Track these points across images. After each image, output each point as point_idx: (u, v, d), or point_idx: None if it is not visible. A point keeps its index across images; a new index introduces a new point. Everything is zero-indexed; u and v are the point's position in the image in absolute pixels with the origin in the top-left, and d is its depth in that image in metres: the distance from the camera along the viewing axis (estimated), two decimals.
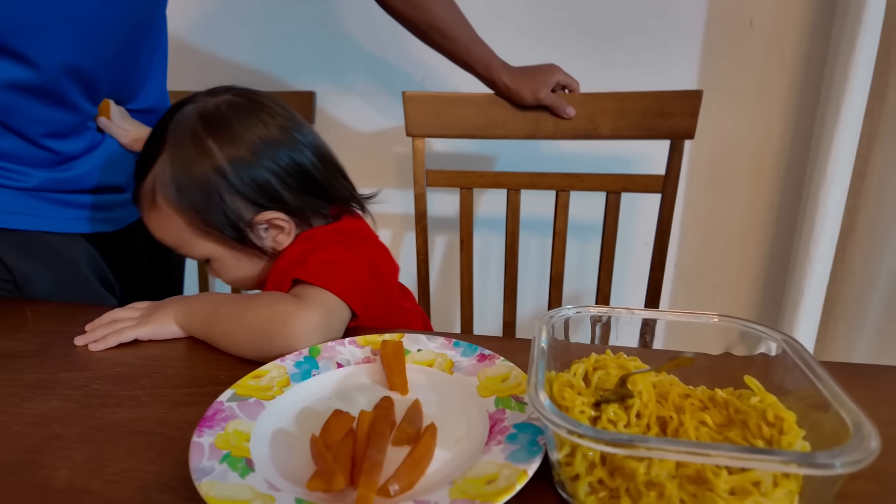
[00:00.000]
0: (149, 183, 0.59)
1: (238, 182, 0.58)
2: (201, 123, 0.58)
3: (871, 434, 0.28)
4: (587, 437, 0.29)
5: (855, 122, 0.91)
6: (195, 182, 0.57)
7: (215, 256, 0.62)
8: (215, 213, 0.58)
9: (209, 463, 0.34)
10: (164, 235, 0.62)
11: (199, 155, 0.57)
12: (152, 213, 0.60)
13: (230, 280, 0.65)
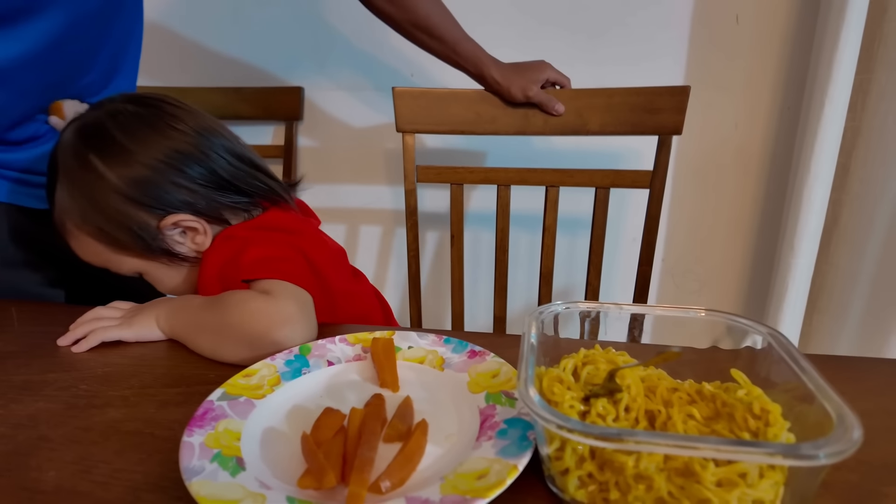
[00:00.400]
0: (57, 212, 0.59)
1: (135, 196, 0.56)
2: (82, 142, 0.56)
3: (854, 425, 0.29)
4: (576, 431, 0.29)
5: (838, 117, 0.92)
6: (92, 204, 0.56)
7: (143, 270, 0.61)
8: (122, 229, 0.57)
9: (199, 462, 0.34)
10: (89, 258, 0.61)
11: (89, 178, 0.56)
12: (70, 239, 0.60)
13: (168, 290, 0.64)
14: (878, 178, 0.96)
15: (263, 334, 0.49)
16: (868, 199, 0.97)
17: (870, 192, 0.97)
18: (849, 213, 1.01)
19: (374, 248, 1.29)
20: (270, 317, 0.49)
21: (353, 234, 1.29)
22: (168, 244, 0.59)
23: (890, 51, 0.92)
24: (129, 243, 0.58)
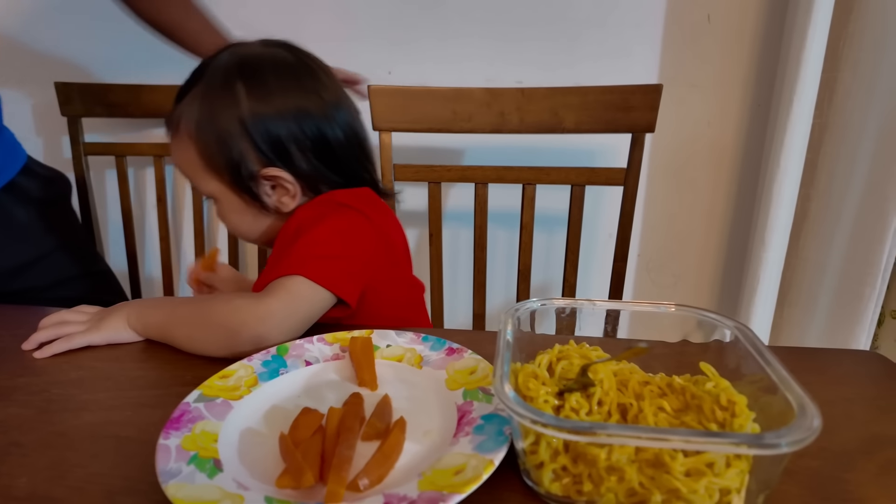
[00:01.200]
0: (178, 111, 0.61)
1: (255, 134, 0.58)
2: (238, 69, 0.59)
3: (814, 414, 0.30)
4: (550, 425, 0.30)
5: (806, 114, 0.95)
6: (214, 123, 0.58)
7: (220, 198, 0.62)
8: (225, 155, 0.59)
9: (176, 465, 0.34)
10: (180, 163, 0.62)
11: (226, 99, 0.58)
12: (174, 139, 0.61)
13: (231, 227, 0.66)
14: (843, 173, 0.99)
15: (239, 328, 0.49)
16: (835, 193, 1.00)
17: (836, 187, 1.00)
18: (817, 208, 1.04)
19: None
20: (249, 312, 0.50)
21: None
22: (256, 189, 0.61)
23: (854, 50, 0.95)
24: (223, 170, 0.60)
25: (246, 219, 0.64)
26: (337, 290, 0.54)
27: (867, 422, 0.43)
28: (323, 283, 0.53)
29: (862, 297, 0.97)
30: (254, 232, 0.65)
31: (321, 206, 0.61)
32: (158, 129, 1.24)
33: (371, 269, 0.60)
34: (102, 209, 1.30)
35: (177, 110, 0.61)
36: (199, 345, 0.51)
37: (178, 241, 1.33)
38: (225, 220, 0.65)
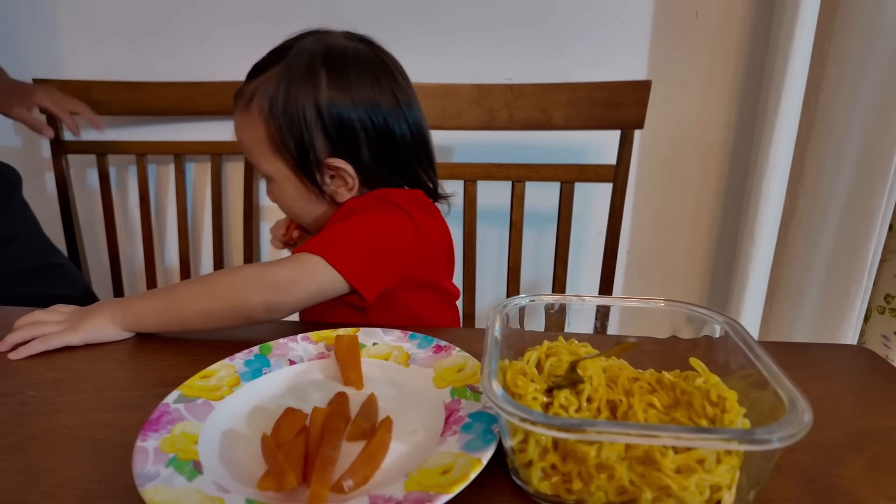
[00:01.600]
0: (252, 86, 0.61)
1: (328, 121, 0.59)
2: (322, 57, 0.60)
3: (805, 409, 0.30)
4: (539, 423, 0.29)
5: (794, 110, 0.95)
6: (291, 105, 0.59)
7: (278, 179, 0.62)
8: (295, 137, 0.59)
9: (154, 468, 0.33)
10: (244, 137, 0.62)
11: (307, 83, 0.59)
12: (243, 113, 0.61)
13: (284, 208, 0.66)
14: (830, 170, 0.99)
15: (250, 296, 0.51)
16: (822, 190, 1.01)
17: (824, 184, 1.00)
18: (804, 204, 1.04)
19: None
20: (259, 280, 0.52)
21: None
22: (318, 176, 0.61)
23: (840, 48, 0.95)
24: (290, 152, 0.60)
25: (301, 203, 0.64)
26: (351, 278, 0.55)
27: (855, 416, 0.42)
28: (338, 267, 0.54)
29: (849, 292, 0.97)
30: (307, 216, 0.66)
31: (371, 200, 0.62)
32: (140, 127, 1.22)
33: (400, 269, 0.60)
34: (84, 209, 1.27)
35: (250, 85, 0.61)
36: (214, 320, 0.52)
37: (161, 241, 1.31)
38: (279, 201, 0.66)
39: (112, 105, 1.14)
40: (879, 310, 1.04)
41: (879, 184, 0.91)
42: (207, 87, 1.14)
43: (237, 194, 1.22)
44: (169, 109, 1.15)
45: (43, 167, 1.29)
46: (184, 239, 1.17)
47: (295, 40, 0.62)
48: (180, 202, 1.16)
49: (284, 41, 0.63)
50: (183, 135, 1.20)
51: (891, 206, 0.93)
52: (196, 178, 1.26)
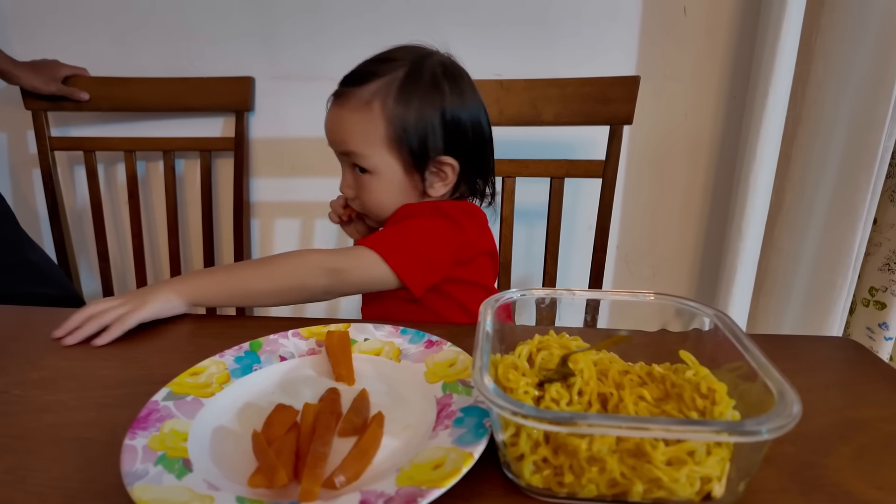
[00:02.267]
0: (371, 88, 0.65)
1: (448, 125, 0.66)
2: (441, 69, 0.67)
3: (794, 400, 0.30)
4: (530, 416, 0.29)
5: (781, 105, 0.96)
6: (419, 110, 0.65)
7: (383, 170, 0.67)
8: (419, 136, 0.66)
9: (143, 466, 0.33)
10: (356, 133, 0.66)
11: (434, 92, 0.66)
12: (358, 112, 0.66)
13: (372, 200, 0.70)
14: (816, 164, 1.00)
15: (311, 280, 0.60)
16: (808, 184, 1.02)
17: (810, 178, 1.01)
18: (791, 199, 1.05)
19: (331, 243, 1.27)
20: (319, 265, 0.60)
21: (308, 230, 1.27)
22: (425, 171, 0.68)
23: (826, 42, 0.96)
24: (408, 148, 0.66)
25: (394, 195, 0.69)
26: (401, 273, 0.62)
27: (843, 407, 0.43)
28: (391, 262, 0.61)
29: (835, 285, 0.98)
30: (393, 206, 0.70)
31: (426, 208, 0.69)
32: (128, 123, 1.21)
33: (443, 271, 0.67)
34: (72, 206, 1.26)
35: (367, 87, 0.66)
36: (276, 296, 0.60)
37: (151, 237, 1.29)
38: (370, 193, 0.69)
39: (99, 101, 1.12)
40: (864, 302, 1.06)
41: (864, 178, 0.92)
42: (195, 83, 1.13)
43: (227, 191, 1.21)
44: (157, 105, 1.14)
45: (29, 164, 1.27)
46: (173, 236, 1.16)
47: (399, 52, 0.68)
48: (169, 199, 1.15)
49: (385, 52, 0.69)
50: (172, 131, 1.19)
51: (875, 200, 0.94)
52: (185, 175, 1.25)
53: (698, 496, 0.32)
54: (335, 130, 0.68)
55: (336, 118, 0.68)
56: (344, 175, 0.71)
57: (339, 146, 0.69)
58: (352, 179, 0.70)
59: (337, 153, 0.71)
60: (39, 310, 0.62)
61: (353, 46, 1.12)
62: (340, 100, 0.68)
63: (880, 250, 1.02)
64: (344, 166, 0.71)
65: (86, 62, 1.14)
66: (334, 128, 0.68)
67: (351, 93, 0.67)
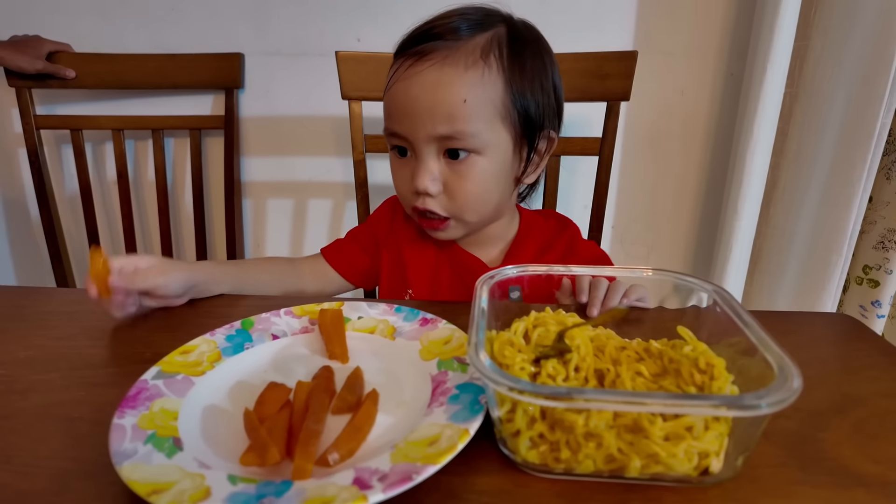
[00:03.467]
0: (480, 40, 0.52)
1: (556, 89, 0.58)
2: (541, 41, 0.59)
3: (794, 374, 0.29)
4: (526, 392, 0.29)
5: (779, 82, 0.95)
6: (531, 62, 0.55)
7: (493, 149, 0.54)
8: (536, 99, 0.55)
9: (132, 445, 0.32)
10: (463, 101, 0.51)
11: (537, 49, 0.57)
12: (471, 69, 0.51)
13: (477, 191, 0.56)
14: (812, 142, 0.99)
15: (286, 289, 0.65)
16: (804, 162, 1.01)
17: (805, 156, 1.01)
18: (787, 177, 1.04)
19: (324, 222, 1.26)
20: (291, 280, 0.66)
21: (301, 209, 1.25)
22: (534, 148, 0.58)
23: (825, 17, 0.94)
24: (520, 116, 0.55)
25: (496, 184, 0.57)
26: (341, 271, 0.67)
27: (839, 382, 0.43)
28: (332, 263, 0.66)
29: (829, 263, 0.98)
30: (494, 199, 0.58)
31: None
32: (116, 101, 1.18)
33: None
34: (59, 187, 1.24)
35: (474, 41, 0.52)
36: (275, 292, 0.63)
37: (141, 218, 1.28)
38: (473, 182, 0.55)
39: (84, 78, 1.10)
40: (858, 280, 1.06)
41: (860, 156, 0.91)
42: (183, 60, 1.10)
43: (218, 170, 1.19)
44: (144, 83, 1.11)
45: (14, 143, 1.24)
46: (164, 216, 1.15)
47: (479, 10, 0.56)
48: (160, 179, 1.13)
49: (460, 9, 0.56)
50: (160, 109, 1.16)
51: (871, 177, 0.94)
52: (175, 154, 1.23)
53: (696, 471, 0.31)
54: (435, 103, 0.51)
55: (433, 83, 0.50)
56: (424, 167, 0.54)
57: (437, 126, 0.51)
58: (440, 169, 0.54)
59: (420, 137, 0.53)
60: (27, 289, 0.61)
61: (344, 21, 1.10)
62: (432, 59, 0.51)
63: (875, 228, 1.02)
64: (423, 154, 0.54)
65: (69, 38, 1.11)
66: (430, 97, 0.51)
67: (448, 48, 0.51)
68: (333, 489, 0.29)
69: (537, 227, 0.67)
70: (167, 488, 0.29)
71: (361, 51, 0.89)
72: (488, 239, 0.64)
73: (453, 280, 0.65)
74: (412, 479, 0.29)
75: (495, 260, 0.65)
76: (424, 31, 0.54)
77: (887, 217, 1.00)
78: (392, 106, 0.55)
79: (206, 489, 0.29)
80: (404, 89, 0.52)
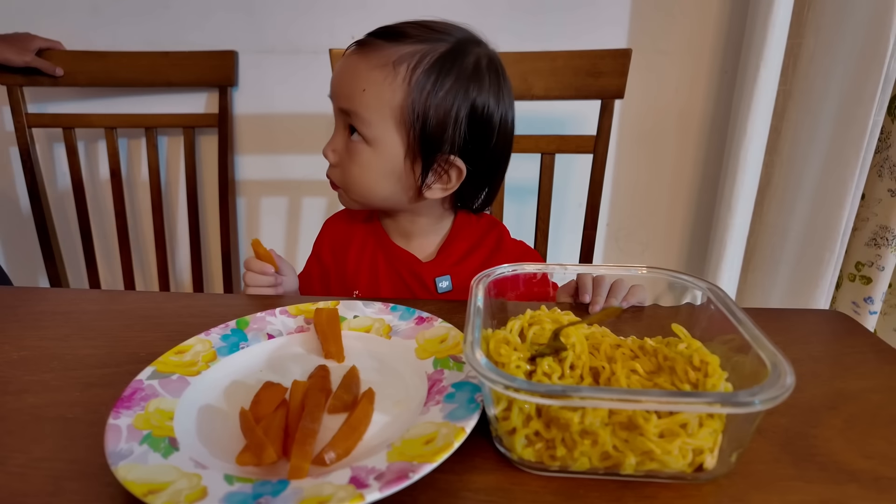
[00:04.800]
0: (403, 49, 0.57)
1: (473, 123, 0.59)
2: (487, 60, 0.60)
3: (787, 371, 0.30)
4: (522, 390, 0.29)
5: (772, 80, 0.95)
6: (450, 94, 0.57)
7: (382, 146, 0.59)
8: (438, 123, 0.57)
9: (127, 445, 0.32)
10: (363, 90, 0.57)
11: (473, 83, 0.58)
12: (381, 70, 0.57)
13: (359, 175, 0.61)
14: (805, 140, 1.00)
15: None
16: (797, 160, 1.02)
17: (798, 154, 1.01)
18: (780, 175, 1.05)
19: (318, 220, 1.25)
20: None
21: (295, 207, 1.25)
22: (430, 163, 0.59)
23: (818, 15, 0.95)
24: (418, 129, 0.58)
25: (383, 178, 0.61)
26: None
27: (832, 378, 0.43)
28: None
29: (822, 260, 0.99)
30: (380, 191, 0.62)
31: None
32: (109, 99, 1.17)
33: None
34: (51, 185, 1.23)
35: (395, 48, 0.57)
36: None
37: (135, 217, 1.27)
38: (358, 166, 0.61)
39: (76, 75, 1.09)
40: (850, 277, 1.07)
41: (853, 153, 0.92)
42: (176, 57, 1.10)
43: (211, 169, 1.18)
44: (137, 80, 1.11)
45: (6, 142, 1.23)
46: (158, 215, 1.14)
47: (447, 26, 0.60)
48: (153, 177, 1.12)
49: (431, 21, 0.60)
50: (153, 107, 1.16)
51: (864, 175, 0.94)
52: (169, 153, 1.22)
53: (690, 468, 0.32)
54: (344, 82, 0.59)
55: (349, 68, 0.59)
56: (335, 136, 0.62)
57: (343, 101, 0.59)
58: (342, 143, 0.61)
59: (336, 108, 0.61)
60: (21, 289, 0.61)
61: (339, 19, 1.10)
62: (363, 50, 0.59)
63: (867, 225, 1.02)
64: (338, 125, 0.62)
65: (60, 35, 1.11)
66: (344, 78, 0.59)
67: (378, 46, 0.58)
68: (330, 488, 0.29)
69: (469, 227, 0.70)
70: (163, 488, 0.29)
71: None
72: (418, 235, 0.69)
73: (390, 273, 0.69)
74: (409, 477, 0.29)
75: (429, 255, 0.69)
76: (379, 29, 0.60)
77: (879, 214, 1.00)
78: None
79: (203, 489, 0.29)
80: (339, 66, 0.61)
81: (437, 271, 0.66)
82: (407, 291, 0.68)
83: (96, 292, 0.67)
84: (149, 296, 0.61)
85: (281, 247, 1.28)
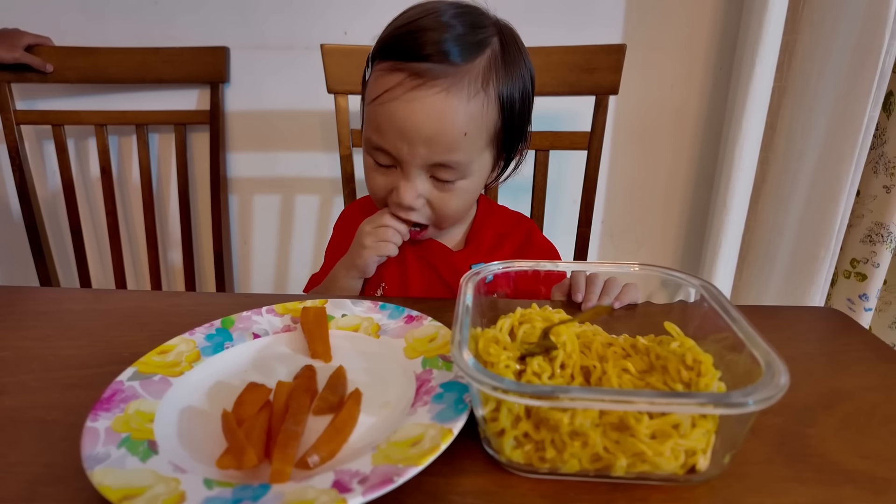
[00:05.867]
0: (483, 62, 0.50)
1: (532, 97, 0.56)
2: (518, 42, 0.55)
3: (781, 371, 0.29)
4: (510, 391, 0.28)
5: (768, 76, 0.94)
6: (519, 79, 0.53)
7: (478, 172, 0.56)
8: (522, 115, 0.55)
9: (104, 449, 0.31)
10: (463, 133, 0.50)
11: (524, 59, 0.54)
12: (473, 99, 0.49)
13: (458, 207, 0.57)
14: (800, 136, 0.99)
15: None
16: (792, 156, 1.01)
17: (793, 151, 1.01)
18: (775, 171, 1.04)
19: (312, 218, 1.24)
20: None
21: (288, 205, 1.24)
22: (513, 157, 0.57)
23: (814, 11, 0.94)
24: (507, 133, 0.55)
25: (474, 195, 0.58)
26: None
27: (827, 376, 0.43)
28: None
29: (817, 257, 0.98)
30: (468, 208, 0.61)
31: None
32: (99, 96, 1.16)
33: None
34: (41, 183, 1.22)
35: (476, 63, 0.50)
36: None
37: (126, 214, 1.26)
38: (456, 200, 0.55)
39: (65, 72, 1.07)
40: (845, 274, 1.06)
41: (848, 149, 0.92)
42: (167, 53, 1.08)
43: (203, 166, 1.17)
44: (127, 77, 1.09)
45: None
46: (149, 213, 1.13)
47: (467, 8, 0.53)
48: (144, 175, 1.11)
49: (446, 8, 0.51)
50: (144, 104, 1.14)
51: (859, 171, 0.94)
52: (160, 150, 1.21)
53: (683, 469, 0.31)
54: (435, 132, 0.49)
55: (439, 113, 0.49)
56: (412, 184, 0.54)
57: (438, 154, 0.51)
58: (427, 188, 0.54)
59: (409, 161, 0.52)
60: (2, 288, 0.59)
61: (331, 13, 1.08)
62: (437, 84, 0.48)
63: (862, 222, 1.02)
64: (411, 174, 0.53)
65: (49, 31, 1.09)
66: (434, 127, 0.49)
67: (454, 74, 0.48)
68: (312, 492, 0.28)
69: (494, 214, 0.68)
70: (140, 493, 0.28)
71: (348, 44, 0.88)
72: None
73: (420, 264, 0.66)
74: (393, 481, 0.28)
75: (458, 244, 0.67)
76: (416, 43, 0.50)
77: (875, 211, 1.00)
78: (386, 124, 0.52)
79: (181, 494, 0.28)
80: (407, 113, 0.50)
81: (472, 259, 0.63)
82: (439, 281, 0.64)
83: (81, 291, 0.66)
84: (134, 295, 0.60)
85: (274, 245, 1.27)
